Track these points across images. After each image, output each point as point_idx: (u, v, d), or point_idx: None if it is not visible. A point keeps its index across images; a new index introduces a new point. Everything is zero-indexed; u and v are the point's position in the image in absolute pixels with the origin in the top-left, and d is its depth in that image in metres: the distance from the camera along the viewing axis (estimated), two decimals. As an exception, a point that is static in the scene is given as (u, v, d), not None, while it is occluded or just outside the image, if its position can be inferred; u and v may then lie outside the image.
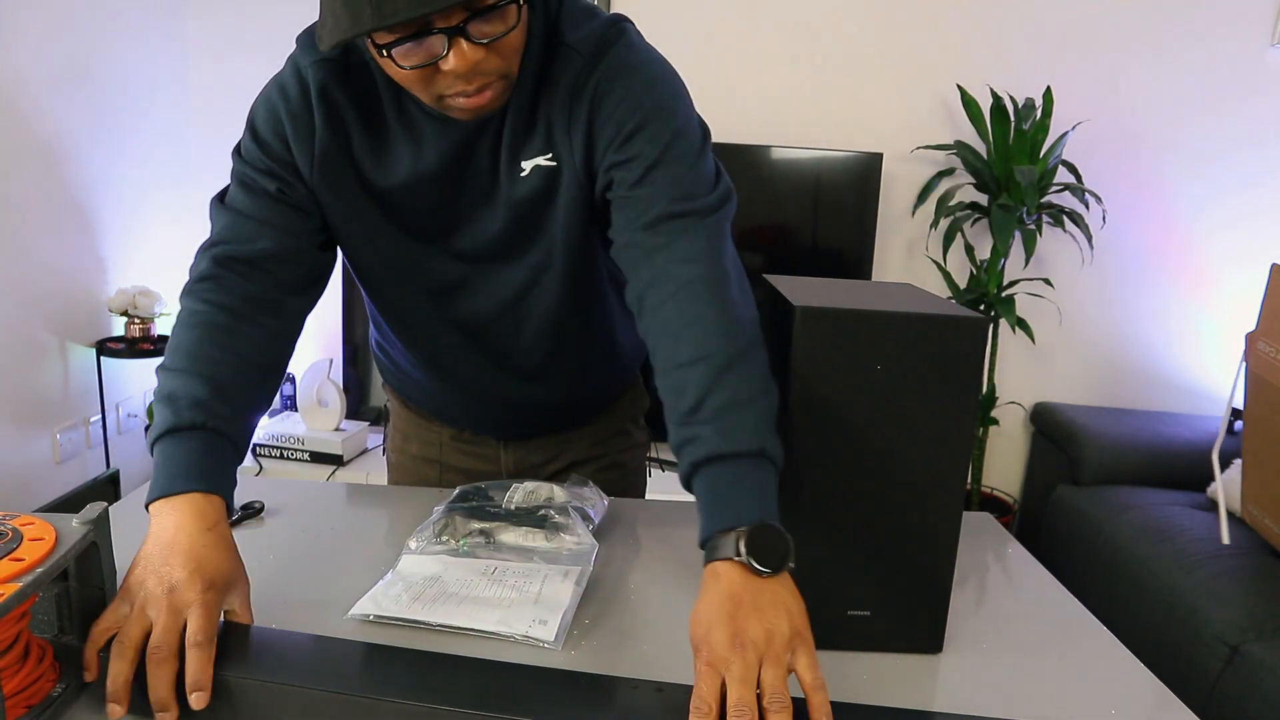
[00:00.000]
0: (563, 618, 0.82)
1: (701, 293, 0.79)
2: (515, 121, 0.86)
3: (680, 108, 0.87)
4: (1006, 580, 1.04)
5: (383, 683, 0.66)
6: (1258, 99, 2.57)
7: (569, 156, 0.87)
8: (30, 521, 0.67)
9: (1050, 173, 2.39)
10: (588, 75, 0.84)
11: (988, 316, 2.39)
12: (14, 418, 2.14)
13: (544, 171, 0.88)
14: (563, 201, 0.90)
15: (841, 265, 2.55)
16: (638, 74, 0.85)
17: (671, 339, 0.78)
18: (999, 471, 2.85)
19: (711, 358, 0.75)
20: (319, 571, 0.93)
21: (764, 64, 2.57)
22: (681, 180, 0.84)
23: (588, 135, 0.86)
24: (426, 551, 0.93)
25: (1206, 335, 2.73)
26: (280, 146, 0.89)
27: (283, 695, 0.66)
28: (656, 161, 0.83)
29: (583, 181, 0.88)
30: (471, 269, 0.97)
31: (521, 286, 0.97)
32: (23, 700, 0.63)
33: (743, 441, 0.72)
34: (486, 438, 1.20)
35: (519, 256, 0.95)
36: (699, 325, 0.77)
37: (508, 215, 0.91)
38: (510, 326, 1.01)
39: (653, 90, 0.85)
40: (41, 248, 2.19)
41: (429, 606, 0.83)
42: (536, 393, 1.09)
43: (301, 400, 2.55)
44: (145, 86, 2.49)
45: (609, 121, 0.85)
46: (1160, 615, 1.84)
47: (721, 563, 0.69)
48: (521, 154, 0.88)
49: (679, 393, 0.76)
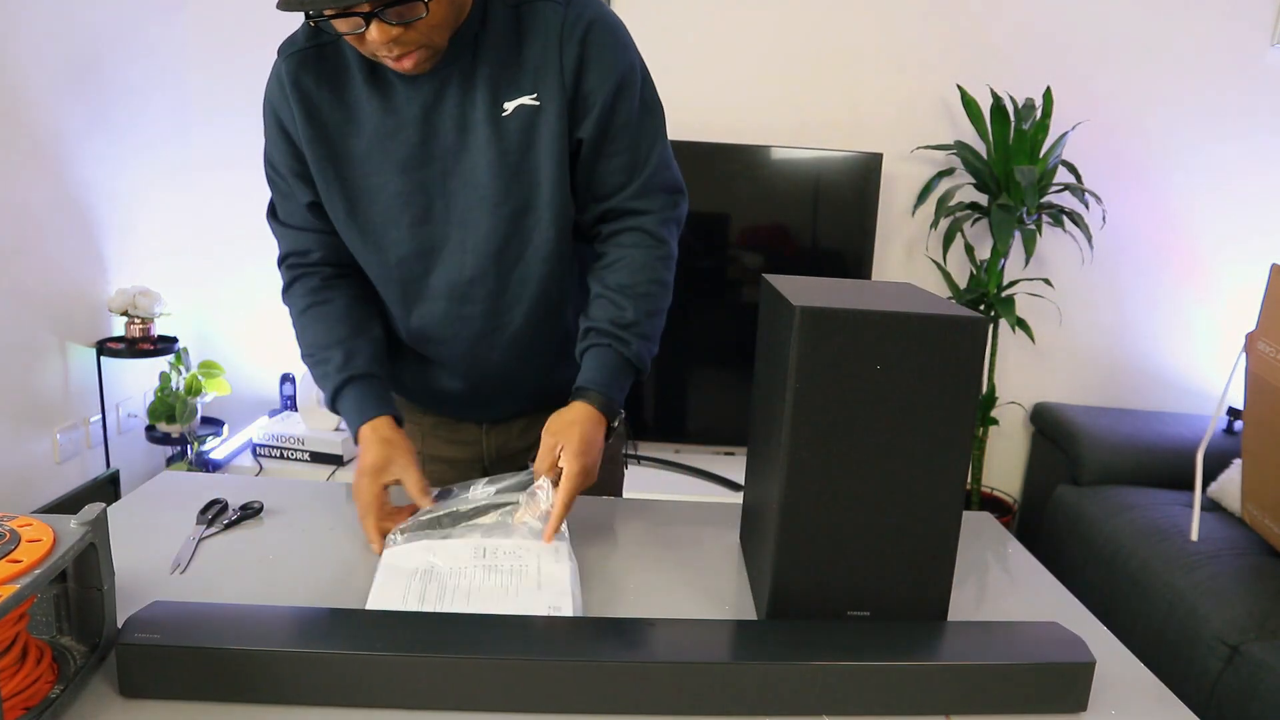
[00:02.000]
0: (574, 598, 0.84)
1: (660, 253, 1.09)
2: (494, 70, 0.99)
3: (643, 74, 1.06)
4: (1006, 580, 1.04)
5: (410, 642, 0.72)
6: (1258, 99, 2.57)
7: (553, 92, 0.99)
8: (28, 523, 0.67)
9: (1050, 173, 2.39)
10: (574, 19, 0.99)
11: (988, 316, 2.39)
12: (14, 418, 2.14)
13: (527, 110, 1.00)
14: (544, 138, 1.00)
15: (841, 265, 2.55)
16: (615, 29, 1.02)
17: (631, 273, 1.07)
18: (999, 471, 2.85)
19: (648, 299, 1.07)
20: (319, 571, 0.93)
21: (764, 64, 2.57)
22: (657, 169, 1.07)
23: (578, 68, 0.99)
24: (411, 539, 0.93)
25: (1206, 335, 2.73)
26: (286, 142, 1.04)
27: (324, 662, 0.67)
28: (635, 139, 1.05)
29: (562, 113, 1.00)
30: (454, 224, 1.05)
31: (503, 238, 1.04)
32: (21, 701, 0.63)
33: (643, 361, 1.08)
34: (468, 424, 1.23)
35: (501, 202, 1.03)
36: (651, 274, 1.07)
37: (492, 154, 1.00)
38: (494, 283, 1.07)
39: (627, 53, 1.03)
40: (41, 248, 2.19)
41: (438, 606, 0.83)
42: (518, 361, 1.13)
43: (301, 400, 2.55)
44: (145, 86, 2.49)
45: (595, 68, 1.00)
46: (1160, 615, 1.84)
47: (587, 405, 1.03)
48: (503, 96, 1.00)
49: (621, 309, 1.06)
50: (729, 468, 2.56)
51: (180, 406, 2.47)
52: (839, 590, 0.82)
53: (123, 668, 0.68)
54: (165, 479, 1.16)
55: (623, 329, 1.06)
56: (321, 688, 0.69)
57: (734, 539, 1.07)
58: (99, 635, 0.72)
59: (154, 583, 0.87)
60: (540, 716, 0.71)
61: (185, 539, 0.97)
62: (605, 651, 0.73)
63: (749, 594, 0.93)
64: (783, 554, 0.81)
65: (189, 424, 2.49)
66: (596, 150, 1.04)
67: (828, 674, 0.72)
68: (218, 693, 0.69)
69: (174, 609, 0.74)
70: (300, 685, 0.69)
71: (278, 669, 0.69)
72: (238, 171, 2.64)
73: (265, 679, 0.69)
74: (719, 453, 2.65)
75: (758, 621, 0.85)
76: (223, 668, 0.68)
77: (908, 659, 0.74)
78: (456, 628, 0.75)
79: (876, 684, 0.73)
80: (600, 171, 1.06)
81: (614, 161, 1.05)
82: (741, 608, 0.91)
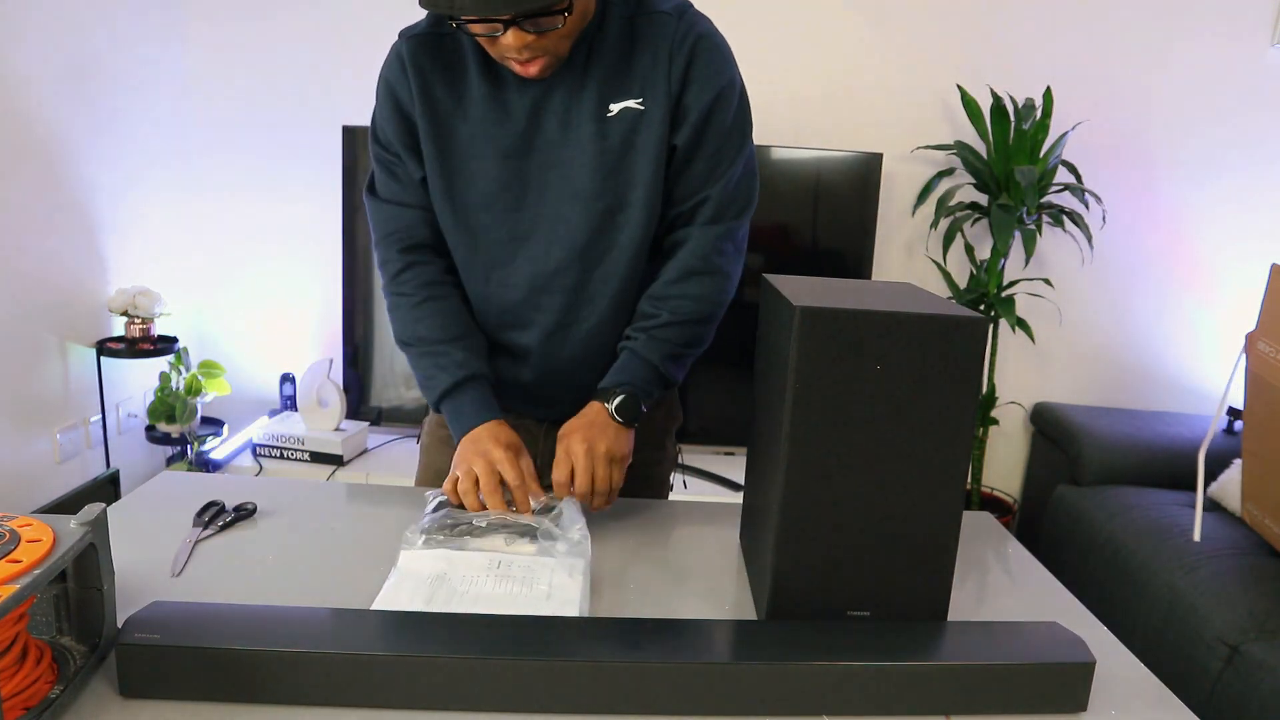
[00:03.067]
0: (580, 611, 0.84)
1: (699, 268, 1.11)
2: (605, 73, 1.04)
3: (740, 93, 1.11)
4: (1007, 580, 1.04)
5: (419, 644, 0.72)
6: (1258, 99, 2.57)
7: (659, 99, 1.04)
8: (28, 523, 0.67)
9: (1050, 173, 2.39)
10: (684, 31, 1.04)
11: (988, 316, 2.39)
12: (14, 418, 2.14)
13: (632, 113, 1.05)
14: (645, 141, 1.05)
15: (841, 265, 2.55)
16: (720, 47, 1.07)
17: (666, 286, 1.11)
18: (999, 471, 2.85)
19: (676, 312, 1.10)
20: (319, 571, 0.93)
21: (764, 64, 2.57)
22: (730, 185, 1.10)
23: (684, 77, 1.04)
24: (428, 544, 0.93)
25: (1206, 335, 2.73)
26: (400, 117, 1.09)
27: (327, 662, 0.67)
28: (715, 154, 1.08)
29: (665, 120, 1.04)
30: (545, 215, 1.08)
31: (592, 233, 1.08)
32: (20, 702, 0.63)
33: (656, 357, 1.10)
34: (528, 422, 1.23)
35: (595, 198, 1.06)
36: (687, 288, 1.10)
37: (592, 151, 1.05)
38: (576, 277, 1.10)
39: (728, 68, 1.07)
40: (41, 248, 2.19)
41: (445, 610, 0.83)
42: (586, 360, 1.15)
43: (301, 400, 2.55)
44: (145, 86, 2.49)
45: (698, 78, 1.04)
46: (1160, 615, 1.84)
47: (601, 405, 1.07)
48: (610, 98, 1.05)
49: (650, 317, 1.10)
50: (729, 468, 2.56)
51: (180, 406, 2.47)
52: (839, 590, 0.82)
53: (122, 668, 0.68)
54: (165, 479, 1.16)
55: (639, 330, 1.10)
56: (321, 688, 0.69)
57: (734, 539, 1.07)
58: (99, 635, 0.72)
59: (154, 583, 0.87)
60: (540, 717, 0.71)
61: (181, 542, 0.97)
62: (605, 652, 0.73)
63: (749, 594, 0.93)
64: (783, 554, 0.81)
65: (189, 424, 2.49)
66: (680, 159, 1.08)
67: (828, 674, 0.72)
68: (217, 693, 0.69)
69: (174, 609, 0.74)
70: (300, 685, 0.69)
71: (278, 669, 0.69)
72: (238, 172, 2.65)
73: (265, 679, 0.69)
74: (719, 453, 2.65)
75: (758, 621, 0.85)
76: (222, 668, 0.68)
77: (908, 659, 0.73)
78: (457, 628, 0.75)
79: (876, 684, 0.73)
80: (682, 179, 1.09)
81: (695, 168, 1.08)
82: (741, 608, 0.91)
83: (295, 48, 2.53)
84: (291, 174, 2.63)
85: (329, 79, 2.55)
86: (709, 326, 1.14)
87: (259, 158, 2.64)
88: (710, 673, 0.71)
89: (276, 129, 2.61)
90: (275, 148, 2.63)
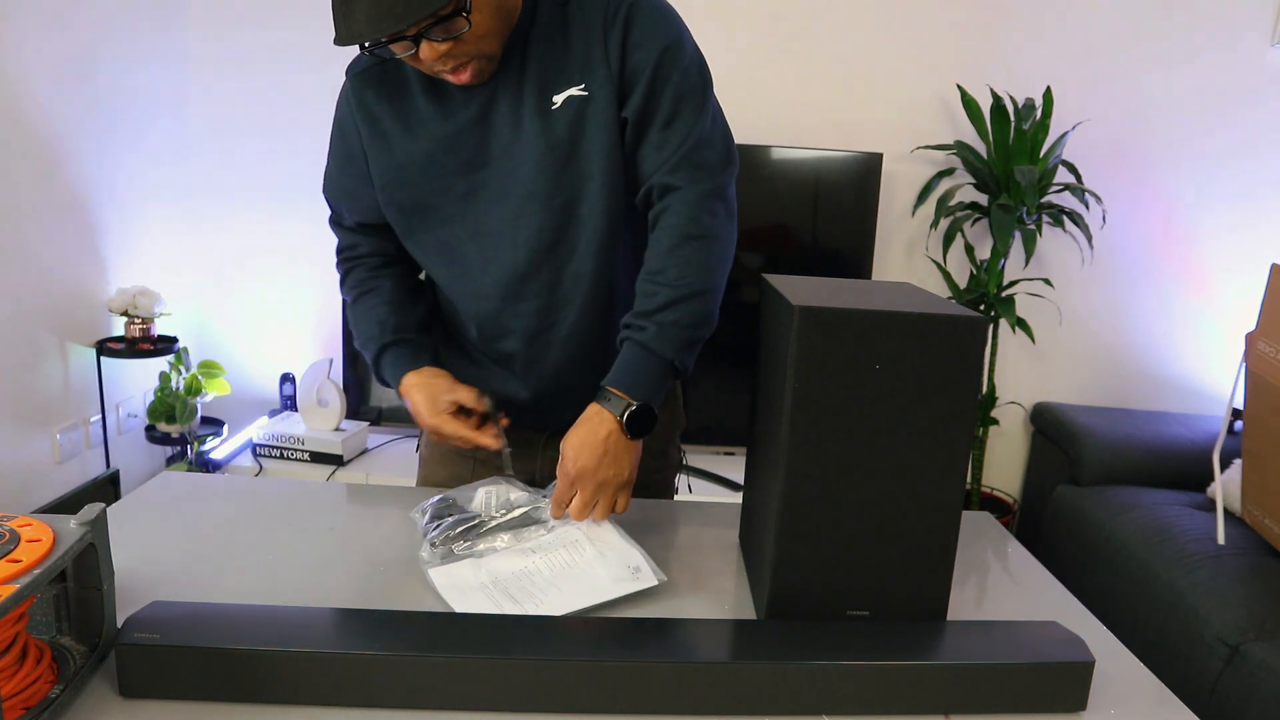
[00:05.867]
0: (644, 558, 0.88)
1: (692, 231, 1.01)
2: (542, 64, 1.01)
3: (690, 48, 1.05)
4: (1006, 580, 1.04)
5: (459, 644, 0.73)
6: (1258, 99, 2.57)
7: (602, 80, 1.00)
8: (28, 523, 0.67)
9: (1050, 173, 2.38)
10: (616, 3, 1.00)
11: (988, 316, 2.39)
12: (14, 418, 2.14)
13: (576, 101, 1.01)
14: (593, 128, 1.01)
15: (841, 265, 2.55)
16: (660, 7, 1.02)
17: (660, 258, 1.01)
18: (999, 471, 2.84)
19: (678, 286, 1.00)
20: (319, 572, 0.93)
21: (764, 64, 2.57)
22: (703, 139, 1.03)
23: (622, 45, 1.00)
24: (446, 559, 0.92)
25: (1206, 335, 2.72)
26: (350, 156, 1.12)
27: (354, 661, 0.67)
28: (675, 113, 1.01)
29: (610, 101, 1.00)
30: (508, 221, 1.06)
31: (555, 232, 1.05)
32: (20, 702, 0.63)
33: (669, 350, 1.00)
34: (528, 432, 1.19)
35: (551, 196, 1.03)
36: (683, 255, 1.01)
37: (540, 148, 1.01)
38: (547, 279, 1.08)
39: (670, 26, 1.02)
40: (41, 248, 2.19)
41: (526, 603, 0.85)
42: (574, 363, 1.13)
43: (301, 400, 2.54)
44: (145, 87, 2.49)
45: (639, 43, 1.00)
46: (1160, 615, 1.84)
47: (608, 411, 0.99)
48: (552, 90, 1.01)
49: (650, 296, 1.01)
50: (729, 468, 2.56)
51: (180, 406, 2.47)
52: (839, 590, 0.82)
53: (122, 668, 0.68)
54: (165, 479, 1.16)
55: (641, 316, 1.01)
56: (321, 688, 0.69)
57: (734, 539, 1.07)
58: (99, 635, 0.72)
59: (154, 583, 0.87)
60: (540, 716, 0.71)
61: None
62: (605, 651, 0.73)
63: (749, 594, 0.93)
64: (783, 554, 0.81)
65: (189, 424, 2.49)
66: (639, 129, 1.02)
67: (828, 674, 0.72)
68: (217, 693, 0.69)
69: (174, 609, 0.74)
70: (300, 685, 0.69)
71: (278, 669, 0.69)
72: (239, 171, 2.64)
73: (265, 679, 0.69)
74: (719, 453, 2.65)
75: (758, 621, 0.85)
76: (222, 668, 0.68)
77: (908, 659, 0.74)
78: (456, 628, 0.75)
79: (876, 684, 0.73)
80: (642, 149, 1.03)
81: (657, 134, 1.02)
82: (741, 608, 0.91)
83: (295, 48, 2.53)
84: (291, 174, 2.63)
85: (329, 79, 2.55)
86: (713, 300, 1.02)
87: (259, 158, 2.64)
88: (710, 673, 0.71)
89: (277, 129, 2.61)
90: (275, 148, 2.63)
